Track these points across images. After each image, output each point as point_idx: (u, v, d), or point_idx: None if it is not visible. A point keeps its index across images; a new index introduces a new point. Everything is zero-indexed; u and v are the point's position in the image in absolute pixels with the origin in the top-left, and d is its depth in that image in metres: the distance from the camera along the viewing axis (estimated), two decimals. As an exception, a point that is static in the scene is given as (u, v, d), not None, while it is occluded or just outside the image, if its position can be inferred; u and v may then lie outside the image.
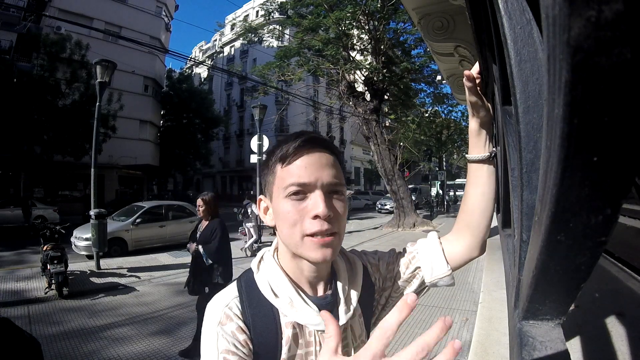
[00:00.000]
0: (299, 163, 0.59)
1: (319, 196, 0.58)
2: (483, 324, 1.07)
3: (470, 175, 0.74)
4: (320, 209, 0.57)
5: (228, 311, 0.61)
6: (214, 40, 37.76)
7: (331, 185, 0.60)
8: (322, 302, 0.64)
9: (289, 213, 0.59)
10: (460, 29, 2.28)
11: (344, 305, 0.65)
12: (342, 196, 0.62)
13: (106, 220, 6.54)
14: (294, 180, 0.59)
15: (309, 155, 0.60)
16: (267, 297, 0.62)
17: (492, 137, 0.73)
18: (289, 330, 0.61)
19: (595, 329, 0.66)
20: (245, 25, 15.06)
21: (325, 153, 0.62)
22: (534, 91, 0.38)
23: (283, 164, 0.61)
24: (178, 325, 4.20)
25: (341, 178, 0.63)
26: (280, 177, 0.61)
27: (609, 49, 0.15)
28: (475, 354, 0.91)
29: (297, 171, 0.59)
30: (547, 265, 0.30)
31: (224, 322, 0.60)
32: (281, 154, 0.61)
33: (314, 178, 0.59)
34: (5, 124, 12.91)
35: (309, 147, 0.60)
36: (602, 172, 0.20)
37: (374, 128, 12.56)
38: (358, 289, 0.69)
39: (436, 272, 0.73)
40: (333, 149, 0.64)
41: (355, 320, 0.68)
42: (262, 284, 0.64)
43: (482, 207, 0.72)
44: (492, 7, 0.48)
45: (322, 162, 0.60)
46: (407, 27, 12.00)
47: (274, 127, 23.35)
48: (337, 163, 0.64)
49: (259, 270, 0.66)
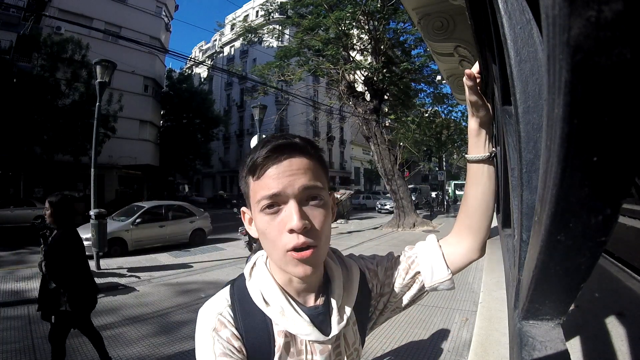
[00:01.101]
0: (268, 174, 0.56)
1: (292, 207, 0.55)
2: (483, 324, 1.07)
3: (469, 175, 0.73)
4: (293, 222, 0.54)
5: (222, 318, 0.60)
6: (214, 40, 37.77)
7: (306, 190, 0.56)
8: (313, 313, 0.63)
9: (267, 229, 0.57)
10: (460, 29, 2.28)
11: (336, 315, 0.64)
12: (321, 201, 0.58)
13: (106, 220, 6.54)
14: (264, 192, 0.56)
15: (277, 164, 0.56)
16: (258, 306, 0.61)
17: (491, 137, 0.72)
18: (281, 339, 0.61)
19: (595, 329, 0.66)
20: (245, 26, 15.05)
21: (296, 158, 0.57)
22: (534, 91, 0.38)
23: (253, 177, 0.58)
24: (178, 326, 4.20)
25: (320, 181, 0.59)
26: (253, 191, 0.59)
27: (609, 49, 0.15)
28: (475, 354, 0.91)
29: (267, 183, 0.56)
30: (547, 265, 0.30)
31: (219, 328, 0.59)
32: (250, 165, 0.58)
33: (282, 187, 0.55)
34: (5, 124, 12.90)
35: (276, 154, 0.56)
36: (602, 172, 0.20)
37: (374, 128, 12.56)
38: (353, 297, 0.67)
39: (436, 276, 0.72)
40: (306, 151, 0.59)
41: (348, 328, 0.67)
42: (254, 292, 0.63)
43: (483, 208, 0.71)
44: (492, 7, 0.48)
45: (292, 168, 0.56)
46: (407, 27, 12.00)
47: (274, 127, 23.36)
48: (315, 165, 0.59)
49: (251, 277, 0.65)
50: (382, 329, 3.72)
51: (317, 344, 0.62)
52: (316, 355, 0.62)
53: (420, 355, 3.49)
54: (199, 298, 5.19)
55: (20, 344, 3.60)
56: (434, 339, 3.82)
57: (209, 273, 6.67)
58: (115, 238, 7.82)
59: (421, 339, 3.83)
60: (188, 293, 5.45)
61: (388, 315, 0.76)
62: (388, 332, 3.73)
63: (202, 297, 5.23)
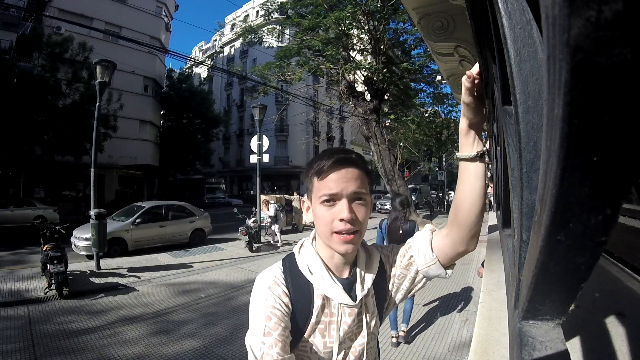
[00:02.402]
0: (330, 177, 0.75)
1: (344, 204, 0.74)
2: (483, 324, 1.06)
3: (459, 172, 0.78)
4: (344, 214, 0.73)
5: (276, 279, 0.78)
6: (214, 40, 37.74)
7: (355, 194, 0.76)
8: (344, 282, 0.81)
9: (323, 216, 0.76)
10: (460, 29, 2.28)
11: (359, 285, 0.82)
12: (364, 202, 0.77)
13: (106, 220, 6.53)
14: (326, 191, 0.75)
15: (338, 171, 0.75)
16: (304, 274, 0.80)
17: (481, 137, 0.75)
18: (319, 301, 0.78)
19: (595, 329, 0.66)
20: (245, 26, 15.04)
21: (351, 168, 0.76)
22: (534, 91, 0.38)
23: (318, 178, 0.77)
24: (178, 325, 4.20)
25: (364, 187, 0.77)
26: (316, 188, 0.78)
27: (609, 49, 0.15)
28: (475, 354, 0.91)
29: (329, 184, 0.75)
30: (547, 265, 0.30)
31: (273, 286, 0.76)
32: (317, 169, 0.77)
33: (340, 189, 0.75)
34: (6, 124, 12.89)
35: (338, 164, 0.75)
36: (602, 172, 0.20)
37: (374, 128, 12.55)
38: (373, 274, 0.84)
39: (423, 260, 0.83)
40: (358, 165, 0.78)
41: (369, 299, 0.83)
42: (302, 264, 0.82)
43: (469, 203, 0.75)
44: (492, 7, 0.48)
45: (348, 176, 0.75)
46: (407, 27, 11.98)
47: (274, 127, 23.35)
48: (363, 175, 0.78)
49: (300, 254, 0.84)
50: (382, 328, 3.71)
51: (346, 307, 0.79)
52: (345, 317, 0.79)
53: (420, 355, 3.49)
54: (199, 298, 5.19)
55: (20, 344, 3.60)
56: (434, 339, 3.82)
57: (209, 273, 6.67)
58: (115, 238, 7.82)
59: (421, 339, 3.83)
60: (188, 293, 5.45)
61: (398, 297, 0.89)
62: (388, 331, 3.73)
63: (202, 297, 5.23)
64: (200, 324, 4.25)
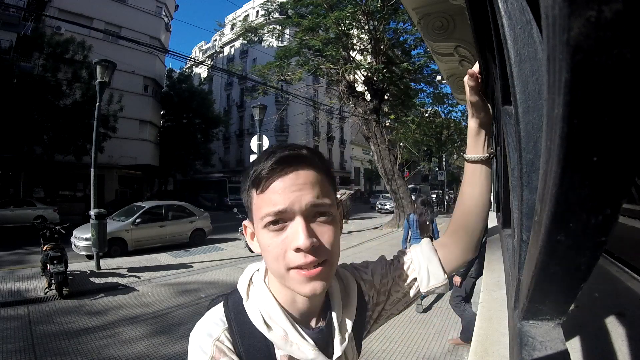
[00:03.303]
0: (273, 188, 0.52)
1: (299, 224, 0.51)
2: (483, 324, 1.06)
3: (467, 175, 0.73)
4: (300, 241, 0.50)
5: (220, 345, 0.55)
6: (214, 40, 37.76)
7: (314, 207, 0.53)
8: (317, 336, 0.60)
9: (269, 246, 0.53)
10: (460, 29, 2.28)
11: (338, 335, 0.61)
12: (329, 217, 0.55)
13: (106, 220, 6.54)
14: (269, 209, 0.52)
15: (283, 177, 0.52)
16: (259, 329, 0.57)
17: (491, 138, 0.71)
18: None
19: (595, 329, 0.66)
20: (245, 25, 15.05)
21: (303, 170, 0.53)
22: (534, 91, 0.38)
23: (257, 190, 0.54)
24: (178, 325, 4.20)
25: (328, 196, 0.55)
26: (256, 205, 0.55)
27: (609, 49, 0.15)
28: (475, 354, 0.91)
29: (272, 198, 0.52)
30: (547, 265, 0.30)
31: (217, 357, 0.54)
32: (254, 178, 0.54)
33: (289, 203, 0.51)
34: (6, 124, 12.90)
35: (282, 167, 0.52)
36: (602, 172, 0.20)
37: (374, 128, 12.56)
38: (352, 315, 0.65)
39: (433, 281, 0.71)
40: (314, 163, 0.55)
41: (348, 346, 0.64)
42: (253, 314, 0.58)
43: (479, 208, 0.71)
44: (492, 7, 0.48)
45: (299, 182, 0.52)
46: (407, 27, 12.00)
47: (274, 127, 23.35)
48: (323, 178, 0.56)
49: (249, 297, 0.61)
50: (383, 329, 3.72)
51: None
52: None
53: (420, 355, 3.49)
54: (199, 298, 5.19)
55: (20, 344, 3.60)
56: (434, 339, 3.82)
57: (209, 273, 6.67)
58: (115, 238, 7.82)
59: (421, 339, 3.83)
60: (188, 293, 5.45)
61: (382, 322, 0.76)
62: (388, 332, 3.73)
63: (202, 297, 5.23)
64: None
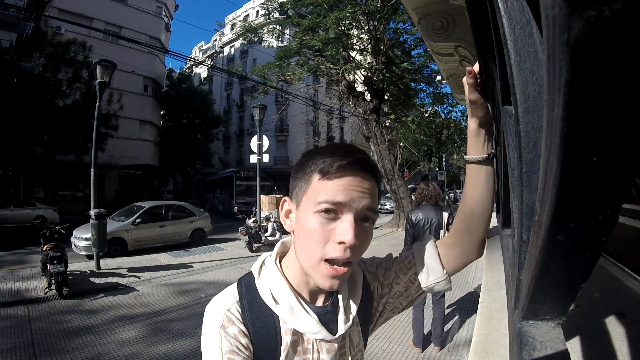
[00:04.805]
0: (339, 181, 0.56)
1: (350, 221, 0.56)
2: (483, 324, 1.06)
3: (468, 176, 0.72)
4: (348, 236, 0.55)
5: (230, 315, 0.60)
6: (214, 40, 37.74)
7: (365, 211, 0.58)
8: (322, 311, 0.64)
9: (315, 231, 0.57)
10: (460, 29, 2.28)
11: (343, 315, 0.65)
12: (371, 224, 0.61)
13: (106, 220, 6.54)
14: (328, 197, 0.56)
15: (352, 177, 0.57)
16: (267, 304, 0.62)
17: (491, 138, 0.71)
18: (288, 337, 0.61)
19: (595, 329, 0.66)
20: (245, 25, 15.06)
21: (368, 178, 0.59)
22: (534, 91, 0.38)
23: (322, 177, 0.57)
24: (178, 325, 4.20)
25: (376, 206, 0.61)
26: (314, 189, 0.58)
27: (609, 49, 0.15)
28: (475, 354, 0.90)
29: (335, 189, 0.56)
30: (547, 265, 0.30)
31: (226, 325, 0.59)
32: (323, 166, 0.57)
33: (349, 199, 0.56)
34: (6, 124, 12.90)
35: (355, 169, 0.57)
36: (602, 172, 0.20)
37: (374, 128, 12.57)
38: (358, 299, 0.68)
39: (432, 277, 0.72)
40: (376, 176, 0.61)
41: (353, 329, 0.68)
42: (263, 290, 0.63)
43: (481, 209, 0.71)
44: (492, 7, 0.48)
45: (363, 186, 0.58)
46: (407, 27, 12.01)
47: (274, 127, 23.33)
48: (377, 191, 0.61)
49: (260, 276, 0.66)
50: (383, 329, 3.72)
51: (323, 343, 0.63)
52: (322, 354, 0.63)
53: (420, 355, 3.49)
54: (199, 298, 5.19)
55: (20, 343, 3.60)
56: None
57: (209, 273, 6.67)
58: (115, 238, 7.82)
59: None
60: (188, 293, 5.45)
61: (387, 316, 0.77)
62: (388, 332, 3.73)
63: (202, 297, 5.23)
64: (200, 324, 4.22)
